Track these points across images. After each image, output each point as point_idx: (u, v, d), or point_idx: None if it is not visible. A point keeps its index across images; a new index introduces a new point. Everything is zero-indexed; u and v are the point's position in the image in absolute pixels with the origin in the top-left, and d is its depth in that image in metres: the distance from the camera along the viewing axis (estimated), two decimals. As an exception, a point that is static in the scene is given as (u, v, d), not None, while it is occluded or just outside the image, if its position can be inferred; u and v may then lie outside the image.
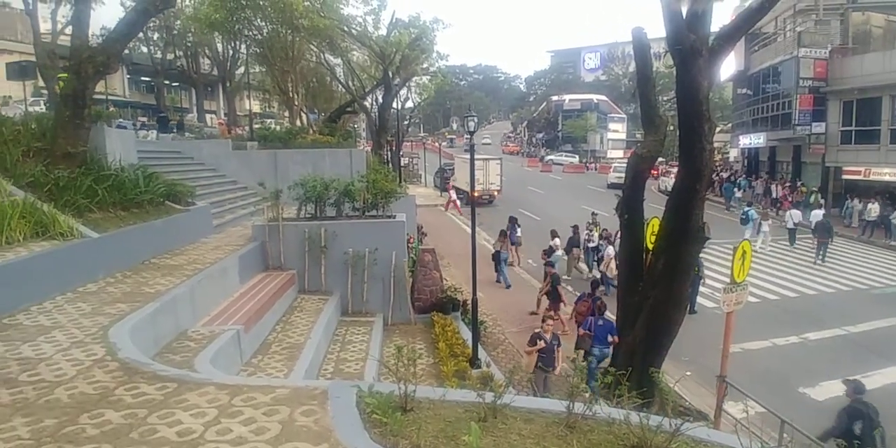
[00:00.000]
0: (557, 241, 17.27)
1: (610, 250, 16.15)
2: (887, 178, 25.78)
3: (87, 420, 3.74)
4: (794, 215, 22.59)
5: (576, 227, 18.69)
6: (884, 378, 10.64)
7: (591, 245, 18.69)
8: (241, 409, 3.86)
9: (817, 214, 22.10)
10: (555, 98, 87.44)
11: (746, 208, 23.94)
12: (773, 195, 30.58)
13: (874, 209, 23.88)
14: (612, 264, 15.49)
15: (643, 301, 9.02)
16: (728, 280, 8.91)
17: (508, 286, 17.09)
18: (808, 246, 21.70)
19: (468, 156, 13.02)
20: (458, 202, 31.56)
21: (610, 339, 10.02)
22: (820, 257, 19.84)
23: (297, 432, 3.52)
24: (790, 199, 28.54)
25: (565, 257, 18.11)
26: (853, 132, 27.49)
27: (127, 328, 5.60)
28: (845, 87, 27.46)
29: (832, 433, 7.20)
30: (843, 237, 24.29)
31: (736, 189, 33.75)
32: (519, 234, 19.67)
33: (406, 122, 41.41)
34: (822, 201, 26.51)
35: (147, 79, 47.37)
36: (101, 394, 4.16)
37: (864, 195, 26.15)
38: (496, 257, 17.43)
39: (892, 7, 31.99)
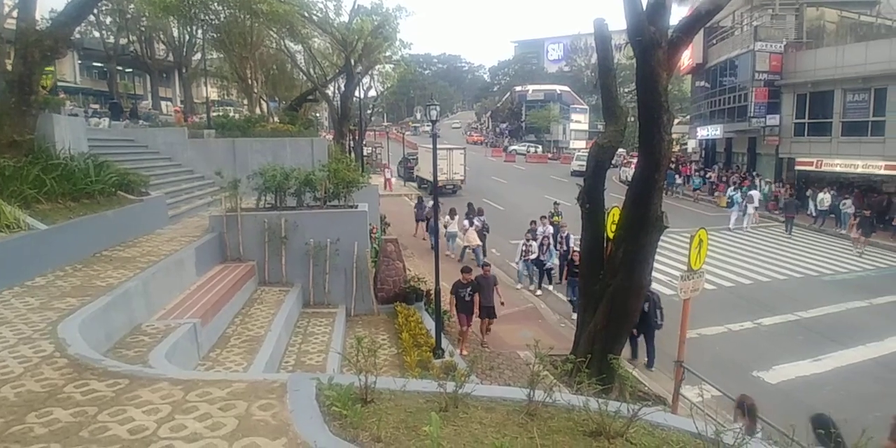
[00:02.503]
0: (447, 218, 19.19)
1: (466, 223, 18.57)
2: (838, 168, 26.72)
3: (35, 419, 3.60)
4: (731, 193, 27.50)
5: (470, 205, 20.40)
6: (834, 361, 11.08)
7: (531, 256, 15.73)
8: (195, 405, 3.77)
9: (754, 194, 26.12)
10: (518, 88, 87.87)
11: (732, 193, 26.63)
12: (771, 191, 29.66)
13: (826, 199, 24.81)
14: (472, 235, 17.94)
15: (604, 289, 9.16)
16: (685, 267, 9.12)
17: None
18: (760, 233, 23.45)
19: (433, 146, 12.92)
20: (392, 181, 35.56)
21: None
22: (788, 231, 23.57)
23: (254, 427, 3.46)
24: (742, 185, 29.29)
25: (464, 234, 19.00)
26: (806, 124, 28.38)
27: (77, 323, 5.40)
28: (799, 80, 28.27)
29: None
30: (796, 226, 25.22)
31: (676, 175, 34.93)
32: (427, 209, 22.33)
33: (369, 111, 41.05)
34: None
35: (99, 64, 45.63)
36: (49, 391, 4.01)
37: (816, 185, 27.24)
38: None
39: (845, 3, 33.00)
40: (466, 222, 18.69)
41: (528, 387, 3.78)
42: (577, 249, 17.25)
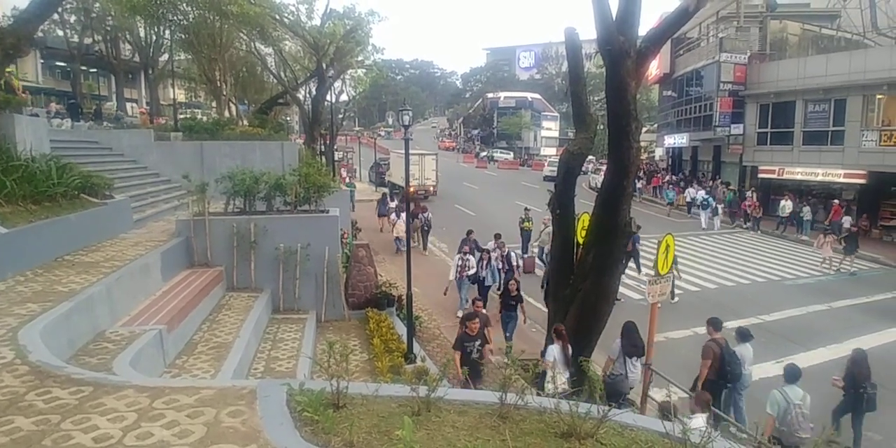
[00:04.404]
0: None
1: (394, 216, 21.32)
2: (799, 177, 27.55)
3: (-6, 428, 3.50)
4: (690, 193, 31.19)
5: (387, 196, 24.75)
6: (795, 363, 11.32)
7: (469, 272, 14.05)
8: (162, 412, 3.70)
9: (702, 193, 29.11)
10: (490, 95, 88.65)
11: (705, 196, 28.41)
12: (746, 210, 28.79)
13: (787, 206, 25.55)
14: (401, 226, 19.17)
15: (574, 293, 9.25)
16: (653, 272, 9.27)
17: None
18: (725, 239, 24.06)
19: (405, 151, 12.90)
20: (347, 179, 35.78)
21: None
22: (739, 224, 27.40)
23: (223, 434, 3.41)
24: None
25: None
26: (769, 134, 29.15)
27: (38, 329, 5.26)
28: (762, 91, 29.04)
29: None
30: (760, 232, 25.97)
31: (639, 182, 35.80)
32: (392, 205, 24.23)
33: (340, 116, 40.78)
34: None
35: (62, 64, 44.43)
36: (10, 399, 3.90)
37: (776, 193, 28.08)
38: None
39: (807, 16, 34.09)
40: (394, 215, 21.34)
41: (500, 390, 3.81)
42: (524, 259, 17.10)
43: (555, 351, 8.54)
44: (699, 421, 6.49)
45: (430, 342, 12.36)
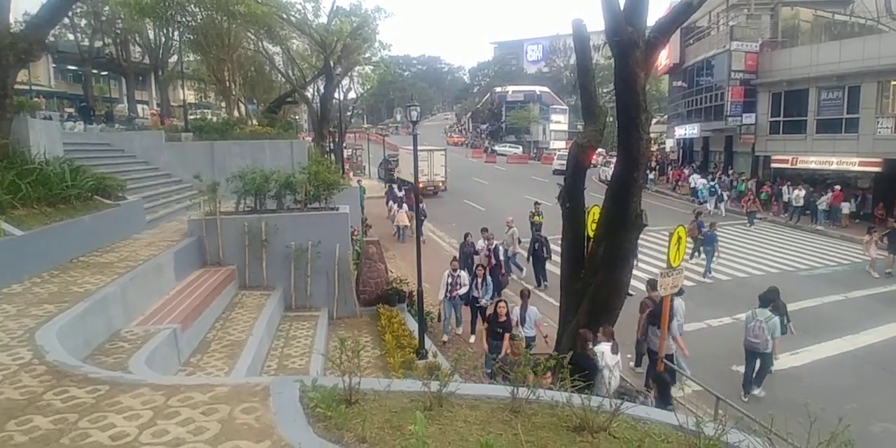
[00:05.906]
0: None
1: (395, 206, 22.77)
2: (813, 166, 27.17)
3: (15, 427, 3.56)
4: (693, 178, 32.36)
5: (406, 190, 24.61)
6: (811, 354, 11.27)
7: (461, 290, 11.98)
8: (177, 410, 3.74)
9: (703, 180, 30.31)
10: (498, 89, 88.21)
11: (712, 182, 29.32)
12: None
13: (800, 196, 25.24)
14: (402, 215, 21.66)
15: (585, 287, 9.22)
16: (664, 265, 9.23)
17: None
18: (736, 230, 23.81)
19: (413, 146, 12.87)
20: (350, 174, 36.02)
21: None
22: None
23: (237, 430, 3.44)
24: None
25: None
26: (781, 123, 28.80)
27: (55, 330, 5.34)
28: (774, 79, 28.66)
29: None
30: (772, 222, 25.77)
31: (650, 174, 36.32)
32: (400, 195, 25.21)
33: (349, 113, 40.85)
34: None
35: (74, 67, 44.89)
36: (28, 399, 3.96)
37: (793, 183, 27.76)
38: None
39: (819, 3, 33.58)
40: (395, 205, 23.05)
41: (512, 384, 3.81)
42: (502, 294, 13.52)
43: (516, 312, 10.38)
44: (605, 347, 8.02)
45: (440, 337, 12.38)
